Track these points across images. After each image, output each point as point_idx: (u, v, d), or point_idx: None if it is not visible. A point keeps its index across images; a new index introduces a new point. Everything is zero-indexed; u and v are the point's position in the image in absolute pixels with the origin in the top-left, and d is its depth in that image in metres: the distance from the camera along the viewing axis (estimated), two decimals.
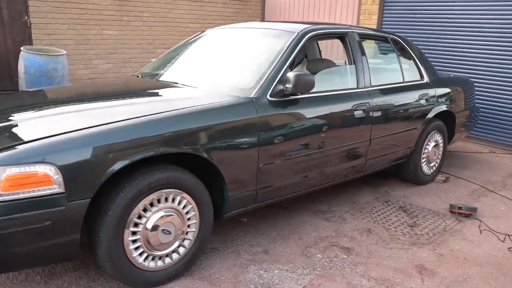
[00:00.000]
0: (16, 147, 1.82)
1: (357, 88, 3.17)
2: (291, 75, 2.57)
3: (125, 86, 2.97)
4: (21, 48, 5.10)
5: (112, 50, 6.67)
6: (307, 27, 3.00)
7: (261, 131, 2.47)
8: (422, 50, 6.09)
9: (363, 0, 6.75)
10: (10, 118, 2.20)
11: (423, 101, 3.68)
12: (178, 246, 2.30)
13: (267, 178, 2.60)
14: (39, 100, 2.60)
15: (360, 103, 3.08)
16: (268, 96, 2.57)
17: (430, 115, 3.78)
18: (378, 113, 3.24)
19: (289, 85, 2.57)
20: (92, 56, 6.50)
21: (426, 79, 3.84)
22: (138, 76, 3.34)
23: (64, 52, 5.30)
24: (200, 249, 2.39)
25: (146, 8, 6.87)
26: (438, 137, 4.06)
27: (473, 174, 4.44)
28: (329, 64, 3.48)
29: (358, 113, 3.07)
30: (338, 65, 3.51)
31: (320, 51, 4.49)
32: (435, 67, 5.95)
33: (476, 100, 5.64)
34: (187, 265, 2.35)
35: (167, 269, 2.26)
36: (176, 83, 2.91)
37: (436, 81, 3.95)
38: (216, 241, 2.83)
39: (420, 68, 3.83)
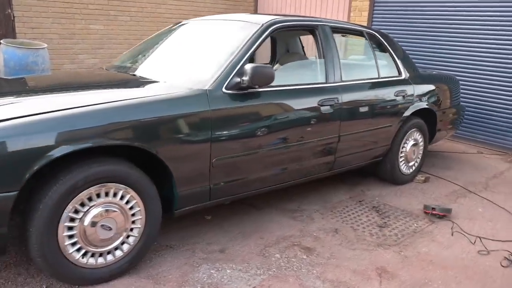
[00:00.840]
0: None
1: (326, 83, 3.06)
2: (248, 67, 2.47)
3: (83, 78, 2.89)
4: (1, 41, 5.03)
5: (98, 45, 6.60)
6: (273, 19, 2.89)
7: (213, 125, 2.38)
8: (413, 47, 5.97)
9: None
10: None
11: (399, 98, 3.56)
12: (122, 243, 2.21)
13: (222, 174, 2.51)
14: None
15: (327, 98, 2.97)
16: (223, 89, 2.47)
17: (407, 113, 3.66)
18: (348, 109, 3.12)
19: (245, 78, 2.47)
20: (78, 50, 6.43)
21: (404, 75, 3.72)
22: (103, 69, 3.25)
23: (45, 45, 5.23)
24: (147, 246, 2.30)
25: (134, 2, 6.79)
26: (417, 136, 3.93)
27: (456, 175, 4.31)
28: (300, 58, 3.37)
29: (325, 109, 2.96)
30: (308, 59, 3.40)
31: (302, 46, 4.38)
32: (427, 65, 5.84)
33: (467, 99, 5.51)
34: (132, 263, 2.26)
35: (109, 267, 2.17)
36: (136, 75, 2.82)
37: (416, 78, 3.83)
38: (174, 239, 2.74)
39: (398, 64, 3.71)
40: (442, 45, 5.67)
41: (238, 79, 2.51)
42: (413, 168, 4.01)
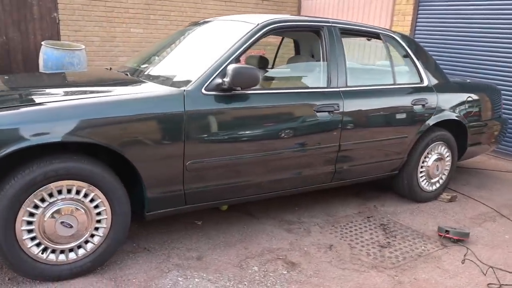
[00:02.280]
0: None
1: (326, 87, 2.86)
2: (230, 67, 2.35)
3: (74, 77, 2.93)
4: (42, 42, 5.34)
5: (138, 48, 6.80)
6: (270, 19, 2.75)
7: (188, 126, 2.28)
8: (458, 53, 5.50)
9: (397, 0, 6.26)
10: None
11: (417, 107, 3.25)
12: (86, 242, 2.18)
13: (198, 178, 2.40)
14: None
15: (325, 104, 2.77)
16: (203, 90, 2.37)
17: (428, 124, 3.33)
18: (351, 117, 2.89)
19: (226, 79, 2.36)
20: (118, 53, 6.67)
21: (426, 83, 3.39)
22: (108, 69, 3.30)
23: (83, 47, 5.47)
24: (113, 247, 2.25)
25: (174, 7, 6.94)
26: (442, 150, 3.57)
27: (491, 195, 3.87)
28: (306, 61, 3.19)
29: (322, 115, 2.76)
30: (312, 62, 3.20)
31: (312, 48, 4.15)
32: (471, 73, 5.35)
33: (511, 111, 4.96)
34: (95, 263, 2.21)
35: (70, 264, 2.14)
36: (128, 75, 2.81)
37: (443, 86, 3.48)
38: (154, 242, 2.68)
39: (419, 71, 3.40)
40: (492, 51, 5.17)
41: (220, 80, 2.40)
42: (437, 185, 3.64)
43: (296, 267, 2.51)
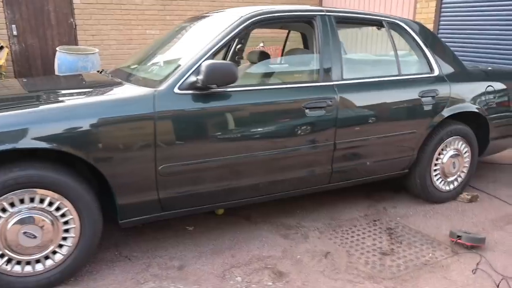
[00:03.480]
0: None
1: (319, 81, 2.63)
2: (203, 64, 2.20)
3: (60, 82, 2.88)
4: (57, 48, 5.41)
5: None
6: (254, 11, 2.57)
7: (159, 129, 2.15)
8: (489, 41, 5.06)
9: None
10: None
11: (426, 99, 2.95)
12: (54, 252, 2.10)
13: (173, 183, 2.26)
14: None
15: (316, 99, 2.55)
16: (177, 89, 2.23)
17: (440, 117, 3.02)
18: (347, 112, 2.65)
19: (200, 76, 2.20)
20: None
21: (437, 72, 3.08)
22: (99, 72, 3.23)
23: (96, 50, 5.50)
24: (83, 257, 2.15)
25: (190, 6, 6.87)
26: (459, 145, 3.24)
27: None
28: (302, 54, 2.98)
29: (313, 111, 2.54)
30: (305, 56, 2.97)
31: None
32: (505, 58, 4.90)
33: None
34: (64, 274, 2.12)
35: (37, 276, 2.07)
36: (110, 77, 2.72)
37: (457, 75, 3.15)
38: (138, 250, 2.57)
39: (429, 60, 3.09)
40: None
41: (194, 78, 2.25)
42: (455, 184, 3.31)
43: (284, 278, 2.32)
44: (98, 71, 3.29)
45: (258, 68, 2.82)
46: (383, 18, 3.01)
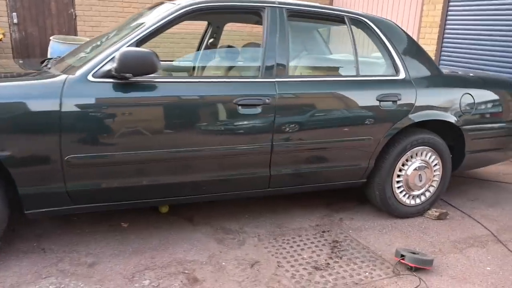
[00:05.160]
0: None
1: (258, 77, 2.45)
2: (119, 51, 2.07)
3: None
4: (50, 37, 5.45)
5: (155, 44, 6.75)
6: (191, 1, 2.42)
7: (65, 117, 2.03)
8: (497, 47, 4.69)
9: None
10: None
11: (386, 104, 2.70)
12: None
13: (82, 176, 2.14)
14: None
15: (251, 96, 2.37)
16: (90, 77, 2.11)
17: (402, 124, 2.77)
18: (288, 113, 2.45)
19: (114, 64, 2.07)
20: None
21: (403, 75, 2.82)
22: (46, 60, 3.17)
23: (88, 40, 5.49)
24: None
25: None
26: (428, 157, 2.97)
27: (498, 215, 3.17)
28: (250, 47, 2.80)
29: (247, 109, 2.36)
30: (247, 49, 2.79)
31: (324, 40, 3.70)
32: (499, 67, 4.54)
33: None
34: None
35: None
36: (44, 67, 2.64)
37: (428, 80, 2.88)
38: (59, 243, 2.47)
39: (395, 61, 2.83)
40: None
41: (110, 66, 2.13)
42: (422, 198, 3.04)
43: (196, 285, 2.16)
44: (45, 59, 3.22)
45: (193, 61, 2.67)
46: (345, 14, 2.79)
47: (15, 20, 5.87)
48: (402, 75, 2.82)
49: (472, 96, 3.00)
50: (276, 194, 2.79)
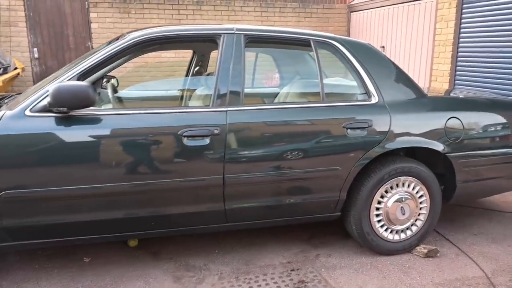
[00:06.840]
0: None
1: (208, 107, 2.35)
2: (51, 86, 2.05)
3: None
4: None
5: (169, 73, 6.87)
6: (141, 32, 2.38)
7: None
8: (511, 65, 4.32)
9: (439, 5, 5.24)
10: None
11: (354, 131, 2.50)
12: None
13: (18, 212, 2.10)
14: None
15: (198, 126, 2.26)
16: (28, 111, 2.11)
17: (375, 153, 2.54)
18: (241, 144, 2.32)
19: (48, 99, 2.06)
20: (150, 78, 6.82)
21: (376, 99, 2.61)
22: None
23: None
24: None
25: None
26: (411, 188, 2.70)
27: (501, 252, 2.80)
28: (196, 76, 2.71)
29: (193, 140, 2.25)
30: (199, 78, 2.69)
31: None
32: None
33: None
34: None
35: None
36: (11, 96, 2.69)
37: (406, 104, 2.65)
38: (9, 279, 2.44)
39: (366, 85, 2.63)
40: None
41: (46, 101, 2.11)
42: (407, 233, 2.75)
43: None
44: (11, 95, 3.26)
45: (141, 91, 2.61)
46: (311, 38, 2.64)
47: (36, 55, 6.21)
48: (374, 99, 2.60)
49: (460, 120, 2.72)
50: (240, 229, 2.63)
